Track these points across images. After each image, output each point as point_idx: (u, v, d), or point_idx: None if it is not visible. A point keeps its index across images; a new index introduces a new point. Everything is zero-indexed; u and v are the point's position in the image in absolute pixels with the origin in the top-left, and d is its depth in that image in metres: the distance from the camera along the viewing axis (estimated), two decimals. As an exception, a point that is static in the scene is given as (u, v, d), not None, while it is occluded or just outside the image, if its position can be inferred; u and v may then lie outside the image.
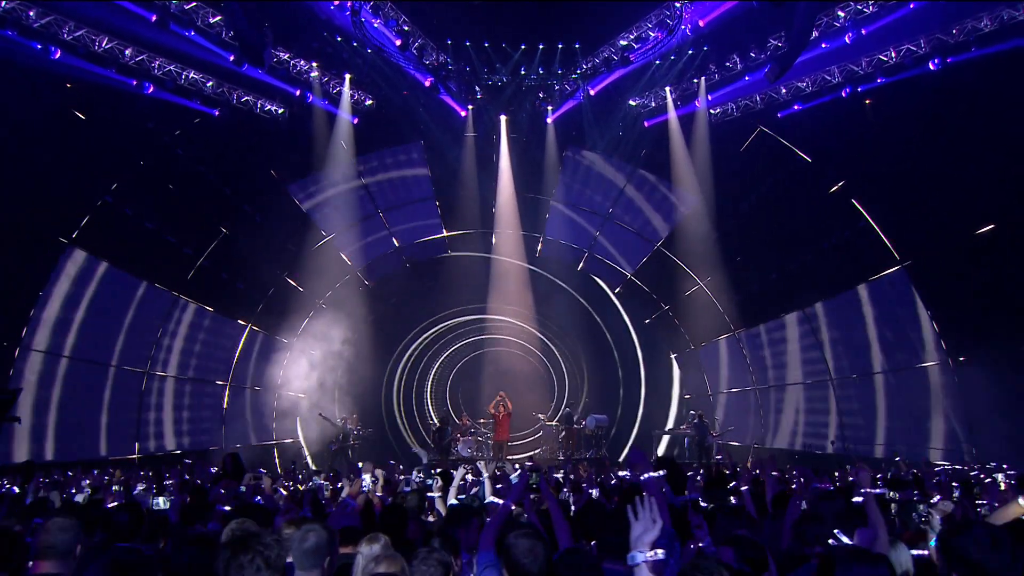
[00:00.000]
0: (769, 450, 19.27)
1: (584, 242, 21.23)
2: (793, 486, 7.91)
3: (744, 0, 14.32)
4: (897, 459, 13.70)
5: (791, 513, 4.24)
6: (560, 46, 17.32)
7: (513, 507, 3.83)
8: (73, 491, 8.39)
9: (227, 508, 5.01)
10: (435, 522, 5.25)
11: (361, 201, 19.81)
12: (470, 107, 19.00)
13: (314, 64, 16.88)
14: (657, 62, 17.14)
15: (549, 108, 19.20)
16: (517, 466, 7.41)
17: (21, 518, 4.38)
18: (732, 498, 6.08)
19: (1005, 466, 12.49)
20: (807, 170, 17.73)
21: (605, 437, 20.79)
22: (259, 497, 6.03)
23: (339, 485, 8.45)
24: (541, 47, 17.34)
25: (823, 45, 15.29)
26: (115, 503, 5.37)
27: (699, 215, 19.22)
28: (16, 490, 6.83)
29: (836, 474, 12.73)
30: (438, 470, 8.80)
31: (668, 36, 15.85)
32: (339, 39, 16.22)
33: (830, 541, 3.55)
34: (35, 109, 14.10)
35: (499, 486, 6.03)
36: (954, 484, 8.41)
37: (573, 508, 6.59)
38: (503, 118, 19.42)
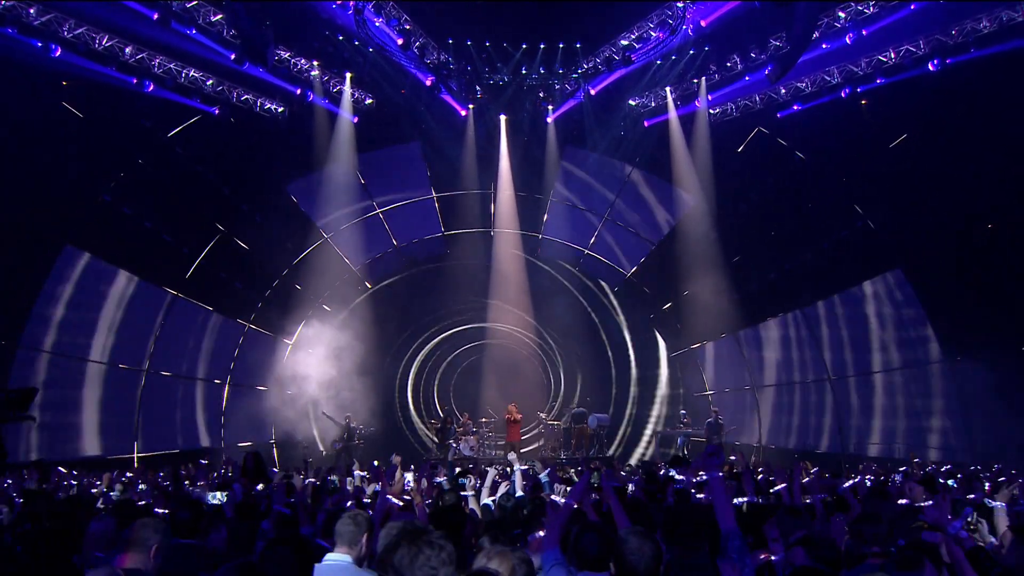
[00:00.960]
0: (769, 449, 19.36)
1: (583, 241, 21.26)
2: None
3: (746, 0, 14.34)
4: (915, 459, 13.75)
5: (836, 521, 4.25)
6: (561, 46, 17.32)
7: (575, 505, 3.83)
8: (101, 489, 8.32)
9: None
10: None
11: (361, 200, 19.76)
12: (471, 106, 18.98)
13: (315, 63, 16.83)
14: (658, 62, 17.16)
15: (550, 108, 19.20)
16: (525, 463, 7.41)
17: (57, 517, 4.36)
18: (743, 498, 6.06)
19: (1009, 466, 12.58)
20: (806, 170, 17.83)
21: (607, 436, 20.80)
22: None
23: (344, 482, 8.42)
24: (542, 47, 17.34)
25: (823, 46, 15.34)
26: (143, 502, 5.36)
27: (698, 215, 19.27)
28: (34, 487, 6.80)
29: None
30: (457, 469, 8.80)
31: (670, 36, 15.88)
32: (340, 38, 16.17)
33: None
34: (34, 107, 14.04)
35: (524, 483, 6.05)
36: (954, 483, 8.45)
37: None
38: (503, 118, 19.41)
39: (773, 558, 3.72)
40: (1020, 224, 15.02)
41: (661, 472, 7.09)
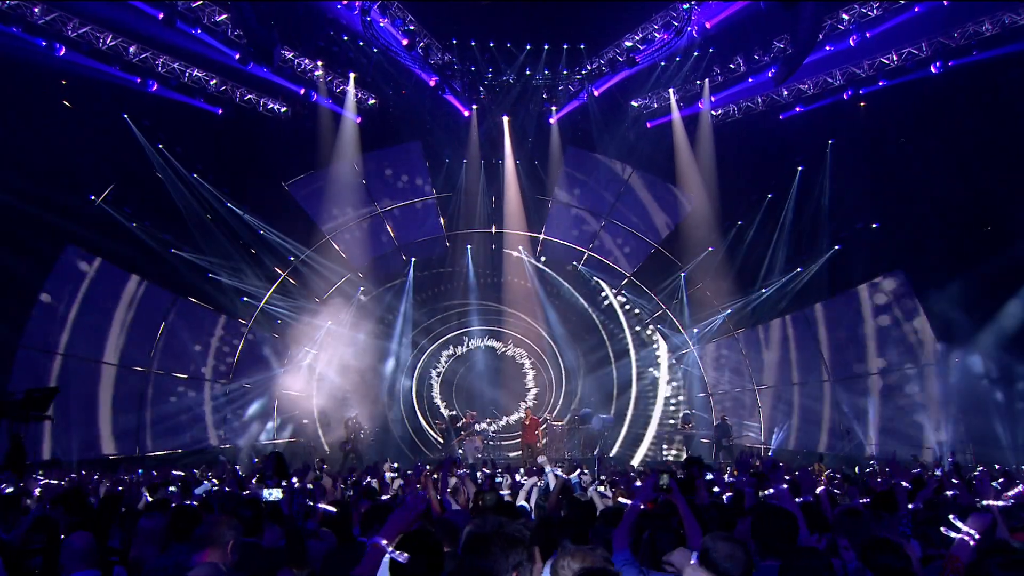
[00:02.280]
0: (770, 450, 19.41)
1: (586, 242, 21.26)
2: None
3: (752, 0, 14.41)
4: (918, 461, 13.82)
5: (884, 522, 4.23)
6: (565, 47, 17.34)
7: (642, 506, 3.82)
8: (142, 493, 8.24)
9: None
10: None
11: (363, 200, 19.73)
12: (474, 107, 18.98)
13: (319, 63, 16.80)
14: (662, 63, 17.22)
15: (553, 108, 19.23)
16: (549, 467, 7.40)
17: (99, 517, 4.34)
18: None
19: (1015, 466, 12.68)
20: (808, 171, 17.93)
21: (609, 437, 20.78)
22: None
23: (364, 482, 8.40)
24: (546, 47, 17.35)
25: (827, 48, 15.45)
26: (174, 504, 5.35)
27: (700, 216, 19.33)
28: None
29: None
30: (478, 472, 8.79)
31: (676, 38, 15.95)
32: (345, 38, 16.16)
33: (942, 528, 3.52)
34: (34, 106, 13.97)
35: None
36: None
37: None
38: (506, 118, 19.40)
39: (849, 566, 3.70)
40: (1020, 225, 15.13)
41: (680, 475, 7.07)
